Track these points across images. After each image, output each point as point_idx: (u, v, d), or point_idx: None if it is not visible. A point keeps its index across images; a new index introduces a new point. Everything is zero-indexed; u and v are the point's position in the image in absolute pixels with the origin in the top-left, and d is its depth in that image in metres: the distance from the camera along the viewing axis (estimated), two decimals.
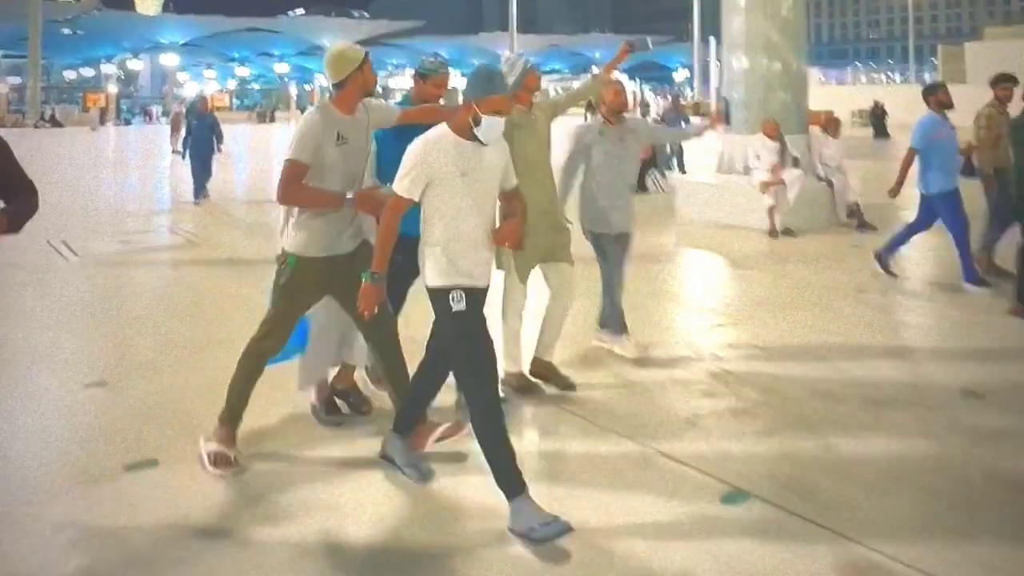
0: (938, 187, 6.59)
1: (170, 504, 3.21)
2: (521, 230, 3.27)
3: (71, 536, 2.97)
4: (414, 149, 3.07)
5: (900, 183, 6.78)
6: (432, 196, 3.08)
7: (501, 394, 3.27)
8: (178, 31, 75.44)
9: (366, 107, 3.62)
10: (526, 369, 4.38)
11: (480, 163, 3.10)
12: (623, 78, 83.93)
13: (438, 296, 3.10)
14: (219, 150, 13.07)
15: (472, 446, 3.21)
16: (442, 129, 3.11)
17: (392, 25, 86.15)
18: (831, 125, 10.16)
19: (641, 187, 12.97)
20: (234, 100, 72.02)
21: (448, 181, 3.04)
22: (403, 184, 3.06)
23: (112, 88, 62.12)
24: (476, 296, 3.12)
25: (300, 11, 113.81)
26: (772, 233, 9.13)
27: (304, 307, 3.61)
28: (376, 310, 3.17)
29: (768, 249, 8.55)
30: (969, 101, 6.71)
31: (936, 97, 6.75)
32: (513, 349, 4.32)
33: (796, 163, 9.65)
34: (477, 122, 3.03)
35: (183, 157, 13.41)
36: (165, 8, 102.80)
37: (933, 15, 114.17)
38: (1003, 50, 37.34)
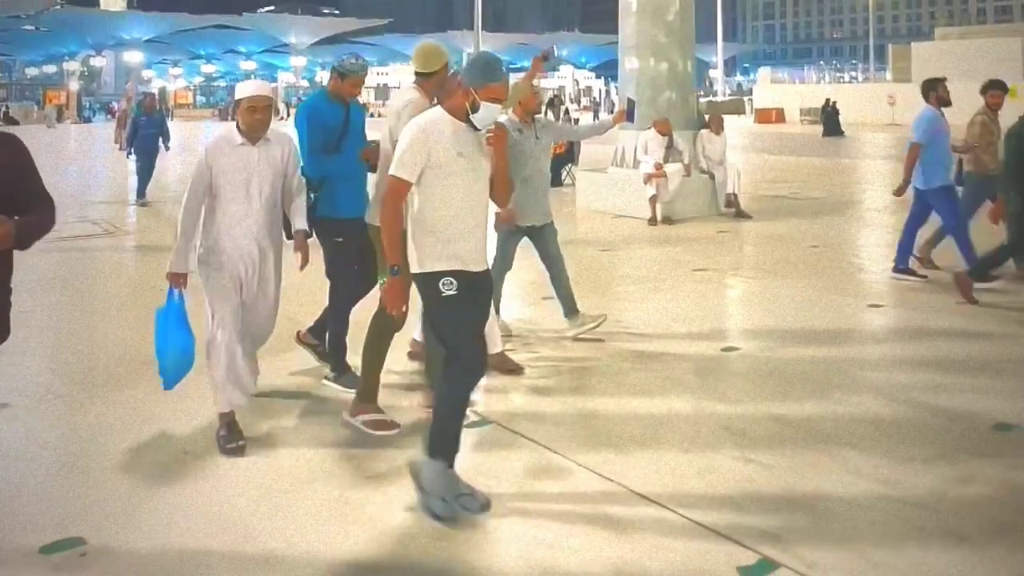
0: (939, 181, 6.60)
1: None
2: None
3: None
4: (412, 132, 3.08)
5: (907, 181, 6.69)
6: (429, 178, 3.07)
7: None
8: (143, 27, 75.26)
9: None
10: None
11: (476, 146, 3.14)
12: (590, 77, 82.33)
13: (428, 281, 3.09)
14: (166, 148, 13.36)
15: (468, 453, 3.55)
16: (438, 112, 3.16)
17: (361, 23, 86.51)
18: (715, 123, 10.95)
19: (556, 181, 13.70)
20: (199, 97, 71.99)
21: (447, 162, 3.05)
22: (404, 168, 3.05)
23: (73, 85, 61.81)
24: (468, 280, 3.10)
25: (270, 8, 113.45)
26: (652, 221, 9.91)
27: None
28: (405, 307, 3.15)
29: (643, 235, 9.31)
30: (916, 97, 6.95)
31: (937, 94, 6.66)
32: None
33: (680, 157, 10.42)
34: (475, 108, 3.07)
35: (128, 155, 13.66)
36: (130, 4, 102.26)
37: (895, 15, 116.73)
38: (949, 50, 38.71)
